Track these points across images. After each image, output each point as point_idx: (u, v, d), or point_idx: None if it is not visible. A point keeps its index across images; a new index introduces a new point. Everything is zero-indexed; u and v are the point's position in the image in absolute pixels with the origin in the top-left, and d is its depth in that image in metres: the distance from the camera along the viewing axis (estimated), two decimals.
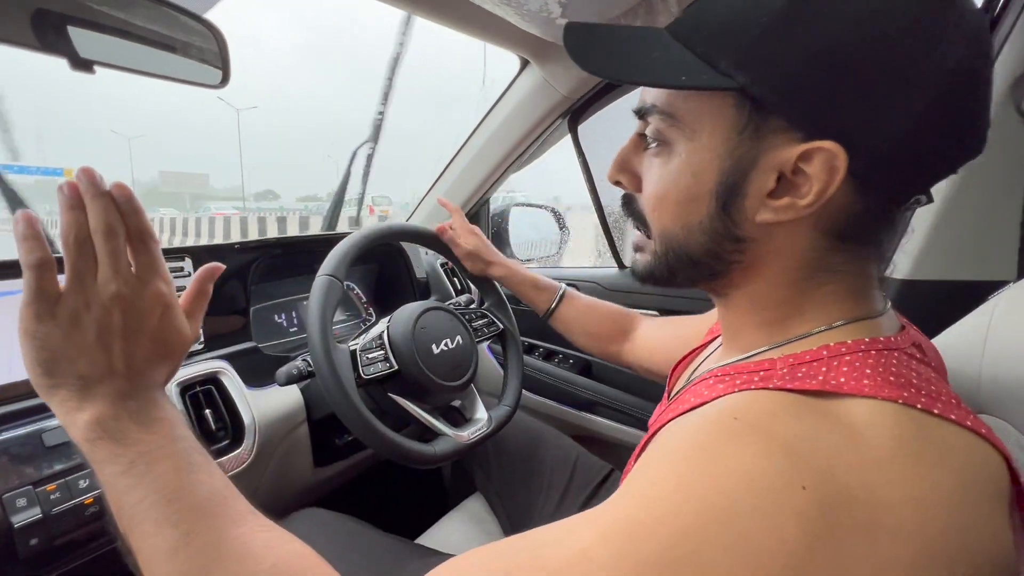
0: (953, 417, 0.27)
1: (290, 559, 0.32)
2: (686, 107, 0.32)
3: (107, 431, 0.32)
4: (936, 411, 0.27)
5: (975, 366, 0.48)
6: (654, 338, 0.73)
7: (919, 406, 0.27)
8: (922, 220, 0.73)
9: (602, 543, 0.24)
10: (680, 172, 0.33)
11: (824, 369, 0.29)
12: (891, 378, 0.28)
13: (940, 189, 0.72)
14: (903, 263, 0.74)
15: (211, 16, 0.62)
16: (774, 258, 0.33)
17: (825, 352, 0.30)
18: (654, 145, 0.34)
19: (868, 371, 0.28)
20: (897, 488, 0.24)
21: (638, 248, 0.39)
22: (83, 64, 0.49)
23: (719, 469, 0.25)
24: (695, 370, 0.47)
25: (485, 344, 0.96)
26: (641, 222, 0.38)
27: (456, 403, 0.80)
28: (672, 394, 0.50)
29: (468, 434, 0.72)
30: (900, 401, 0.27)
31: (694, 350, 0.53)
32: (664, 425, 0.35)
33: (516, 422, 0.87)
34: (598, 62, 0.32)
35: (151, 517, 0.30)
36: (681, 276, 0.37)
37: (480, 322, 0.85)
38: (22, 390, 0.62)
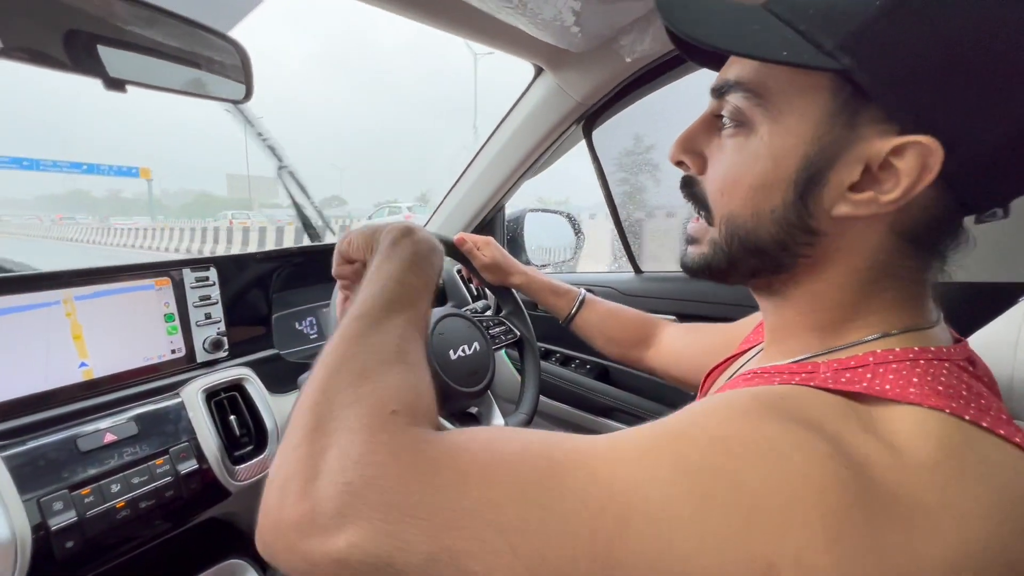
0: (1002, 432, 0.26)
1: (418, 366, 0.37)
2: (776, 86, 0.30)
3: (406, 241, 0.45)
4: (985, 424, 0.26)
5: (1006, 371, 0.47)
6: (681, 345, 0.72)
7: (967, 418, 0.26)
8: None
9: (635, 433, 0.27)
10: (758, 155, 0.31)
11: (869, 375, 0.29)
12: (939, 388, 0.27)
13: None
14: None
15: (234, 34, 0.64)
16: (843, 256, 0.31)
17: (871, 359, 0.29)
18: (731, 125, 0.32)
19: (915, 379, 0.28)
20: (936, 495, 0.23)
21: (693, 240, 0.37)
22: (115, 84, 0.51)
23: (750, 426, 0.26)
24: (731, 376, 0.46)
25: (502, 350, 0.96)
26: (702, 206, 0.35)
27: (473, 410, 0.80)
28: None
29: None
30: (948, 411, 0.26)
31: (729, 358, 0.52)
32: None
33: (534, 428, 0.87)
34: (687, 25, 0.29)
35: (383, 276, 0.42)
36: (741, 268, 0.34)
37: (497, 329, 0.86)
38: (59, 398, 0.65)
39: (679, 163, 0.37)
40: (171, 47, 0.60)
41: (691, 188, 0.37)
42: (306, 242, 1.16)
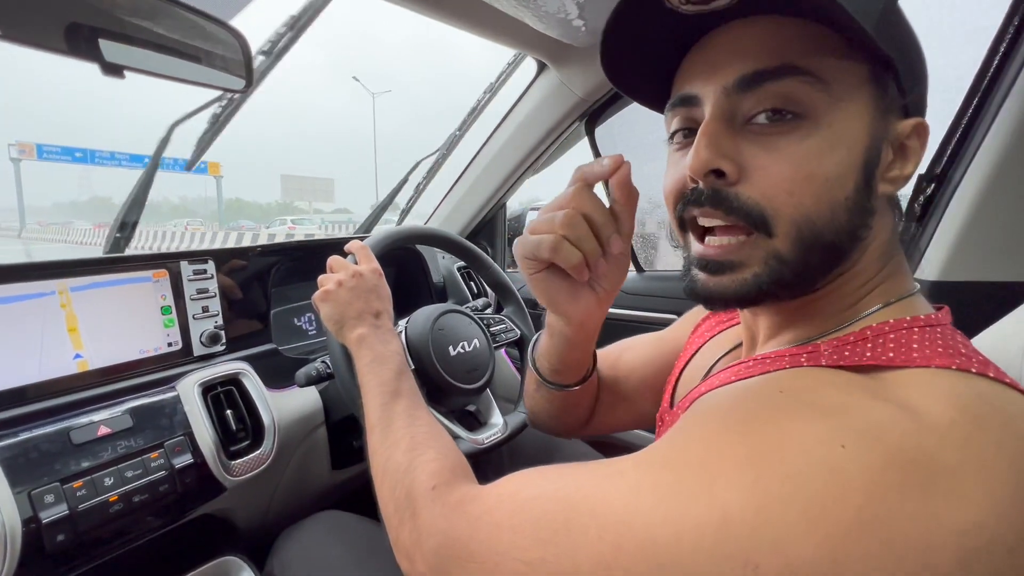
0: (1008, 381, 0.27)
1: (427, 439, 0.46)
2: (835, 69, 0.29)
3: (364, 341, 0.58)
4: (991, 375, 0.27)
5: (1014, 371, 0.47)
6: (622, 378, 0.61)
7: (973, 370, 0.27)
8: (953, 220, 0.71)
9: (634, 466, 0.29)
10: (832, 144, 0.29)
11: (870, 346, 0.30)
12: (939, 349, 0.28)
13: (971, 188, 0.70)
14: (934, 264, 0.72)
15: (235, 22, 0.63)
16: (879, 232, 0.33)
17: (869, 332, 0.31)
18: (787, 118, 0.29)
19: (915, 344, 0.29)
20: (959, 452, 0.23)
21: (733, 265, 0.32)
22: (113, 69, 0.50)
23: (756, 432, 0.26)
24: (710, 369, 0.46)
25: (503, 349, 0.96)
26: (752, 218, 0.31)
27: (472, 407, 0.79)
28: (675, 399, 0.49)
29: (483, 438, 0.72)
30: (953, 367, 0.27)
31: (687, 359, 0.51)
32: (698, 398, 0.36)
33: (532, 428, 0.86)
34: None
35: (373, 389, 0.53)
36: (807, 276, 0.32)
37: (498, 327, 0.85)
38: (53, 389, 0.64)
39: (713, 172, 0.31)
40: (172, 38, 0.60)
41: (727, 202, 0.31)
42: None
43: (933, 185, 0.75)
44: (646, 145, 1.05)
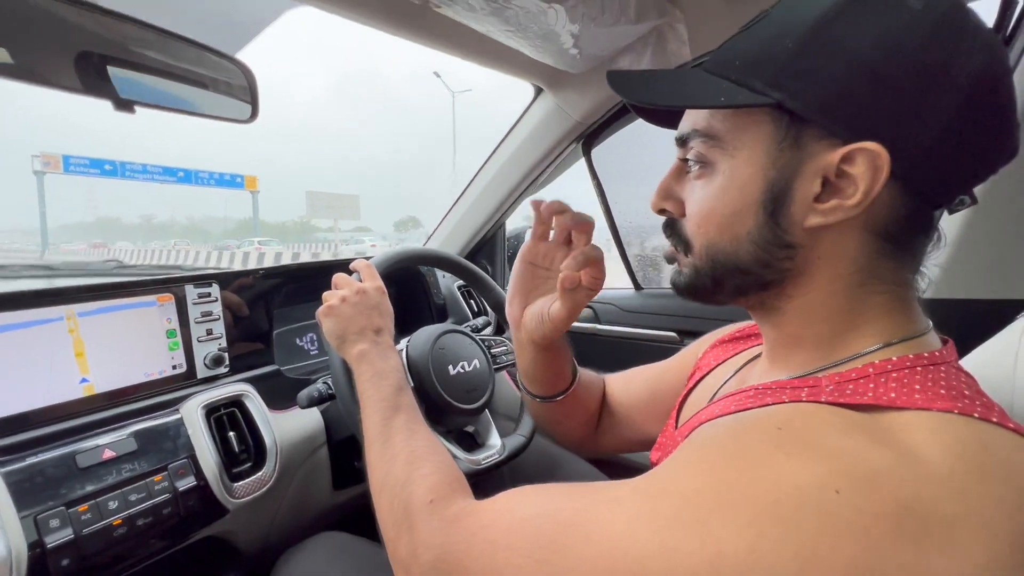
0: (1011, 426, 0.27)
1: (426, 453, 0.47)
2: (725, 127, 0.34)
3: (365, 357, 0.58)
4: (994, 420, 0.27)
5: (1006, 391, 0.47)
6: (628, 404, 0.63)
7: (976, 415, 0.27)
8: (948, 237, 0.72)
9: (631, 494, 0.30)
10: (725, 188, 0.34)
11: (872, 385, 0.30)
12: (941, 391, 0.28)
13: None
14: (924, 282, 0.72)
15: (242, 55, 0.66)
16: (826, 263, 0.33)
17: (871, 369, 0.31)
18: (696, 168, 0.36)
19: (917, 386, 0.29)
20: (957, 503, 0.23)
21: (671, 259, 0.41)
22: (125, 104, 0.52)
23: (753, 471, 0.26)
24: (716, 392, 0.47)
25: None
26: (684, 244, 0.39)
27: (470, 428, 0.80)
28: (679, 420, 0.50)
29: (480, 459, 0.72)
30: (956, 411, 0.27)
31: (696, 380, 0.52)
32: (699, 425, 0.37)
33: (534, 447, 0.86)
34: (639, 93, 0.36)
35: (372, 403, 0.54)
36: (728, 286, 0.37)
37: (499, 349, 0.86)
38: (59, 414, 0.65)
39: (661, 211, 0.40)
40: (180, 69, 0.62)
41: (673, 229, 0.40)
42: None
43: None
44: (643, 167, 1.08)
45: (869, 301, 0.33)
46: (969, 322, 0.58)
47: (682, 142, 0.38)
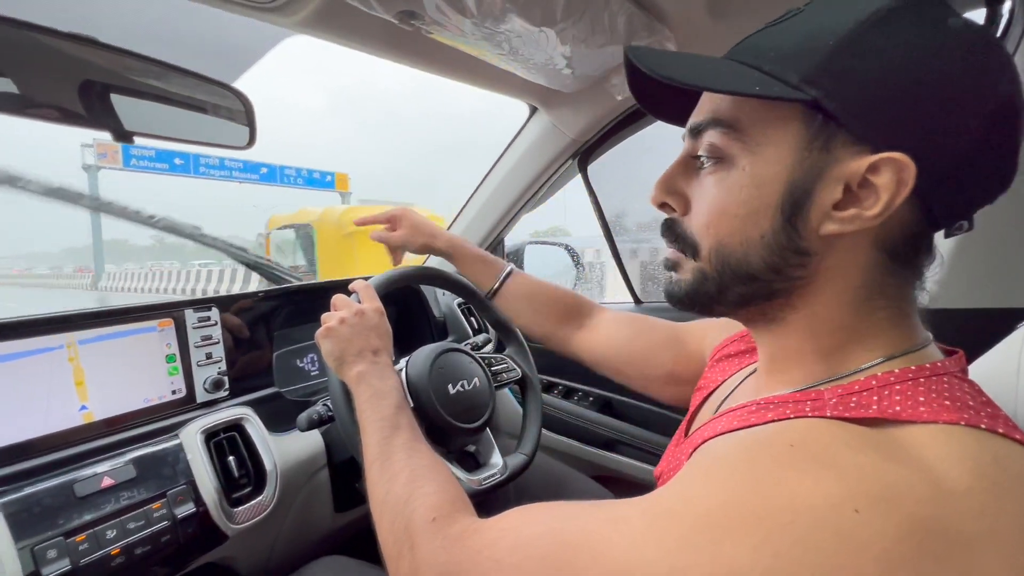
0: (1018, 437, 0.27)
1: (427, 472, 0.47)
2: (750, 120, 0.32)
3: (364, 378, 0.59)
4: (1001, 431, 0.27)
5: (1009, 399, 0.47)
6: (622, 339, 0.70)
7: (983, 426, 0.27)
8: (945, 247, 0.72)
9: (640, 515, 0.29)
10: (743, 185, 0.33)
11: (876, 398, 0.29)
12: (946, 402, 0.28)
13: None
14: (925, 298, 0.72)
15: (239, 84, 0.67)
16: (836, 274, 0.32)
17: (874, 382, 0.30)
18: (710, 163, 0.34)
19: (921, 398, 0.28)
20: (975, 522, 0.23)
21: (673, 265, 0.38)
22: (125, 136, 0.53)
23: (767, 489, 0.26)
24: (721, 403, 0.47)
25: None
26: (686, 245, 0.36)
27: (471, 448, 0.79)
28: (690, 429, 0.49)
29: (481, 479, 0.71)
30: (963, 423, 0.27)
31: (706, 389, 0.52)
32: (703, 443, 0.36)
33: (539, 465, 0.85)
34: (668, 70, 0.32)
35: (372, 423, 0.54)
36: (732, 295, 0.35)
37: (499, 367, 0.85)
38: (56, 441, 0.65)
39: (662, 205, 0.38)
40: (180, 97, 0.63)
41: (674, 229, 0.38)
42: None
43: None
44: (639, 181, 1.08)
45: (873, 316, 0.32)
46: (970, 332, 0.58)
47: (696, 132, 0.35)
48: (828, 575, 0.22)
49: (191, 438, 0.71)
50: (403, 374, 0.73)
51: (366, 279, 0.74)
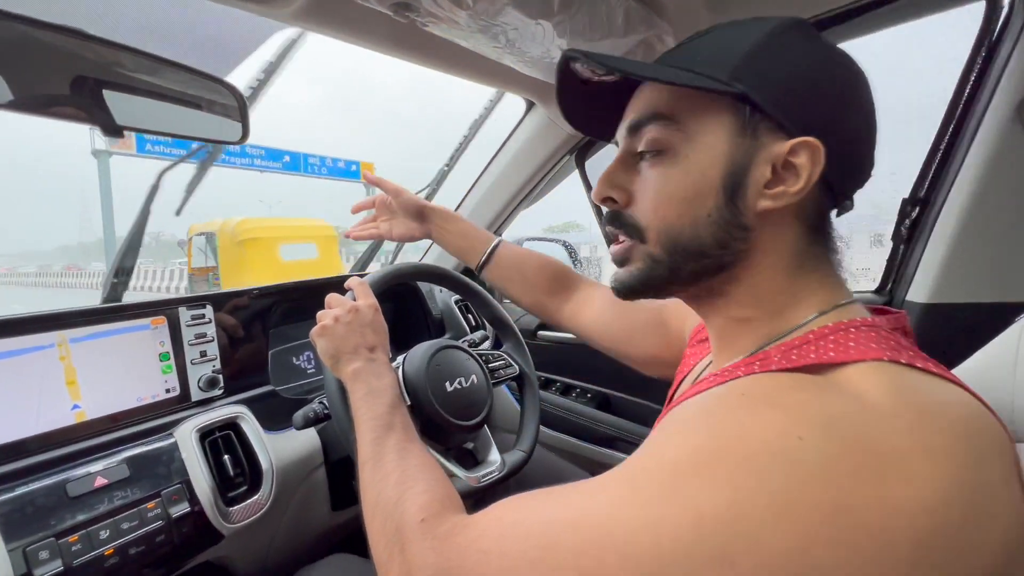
0: (934, 370, 0.31)
1: (417, 472, 0.47)
2: (689, 112, 0.36)
3: (359, 376, 0.58)
4: (919, 365, 0.30)
5: (1006, 393, 0.47)
6: (611, 315, 0.73)
7: (903, 360, 0.30)
8: (939, 243, 0.72)
9: (614, 481, 0.31)
10: (686, 171, 0.36)
11: (814, 348, 0.33)
12: (872, 344, 0.32)
13: (954, 211, 0.71)
14: (923, 287, 0.72)
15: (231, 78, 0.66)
16: (770, 246, 0.36)
17: (812, 335, 0.34)
18: (650, 155, 0.38)
19: (852, 343, 0.32)
20: (906, 437, 0.26)
21: (623, 260, 0.41)
22: (115, 131, 0.53)
23: (721, 431, 0.29)
24: (697, 379, 0.48)
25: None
26: (632, 232, 0.39)
27: (469, 445, 0.79)
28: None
29: (479, 476, 0.71)
30: (886, 359, 0.30)
31: (684, 369, 0.54)
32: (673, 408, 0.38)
33: (538, 462, 0.85)
34: (621, 64, 0.36)
35: (366, 422, 0.54)
36: (684, 273, 0.38)
37: (497, 363, 0.85)
38: (50, 442, 0.64)
39: (605, 199, 0.41)
40: (173, 91, 0.62)
41: (619, 220, 0.41)
42: None
43: (918, 209, 0.76)
44: None
45: (805, 279, 0.37)
46: (970, 326, 0.58)
47: (635, 129, 0.39)
48: (784, 500, 0.25)
49: (186, 437, 0.70)
50: (400, 371, 0.72)
51: (362, 276, 0.73)
